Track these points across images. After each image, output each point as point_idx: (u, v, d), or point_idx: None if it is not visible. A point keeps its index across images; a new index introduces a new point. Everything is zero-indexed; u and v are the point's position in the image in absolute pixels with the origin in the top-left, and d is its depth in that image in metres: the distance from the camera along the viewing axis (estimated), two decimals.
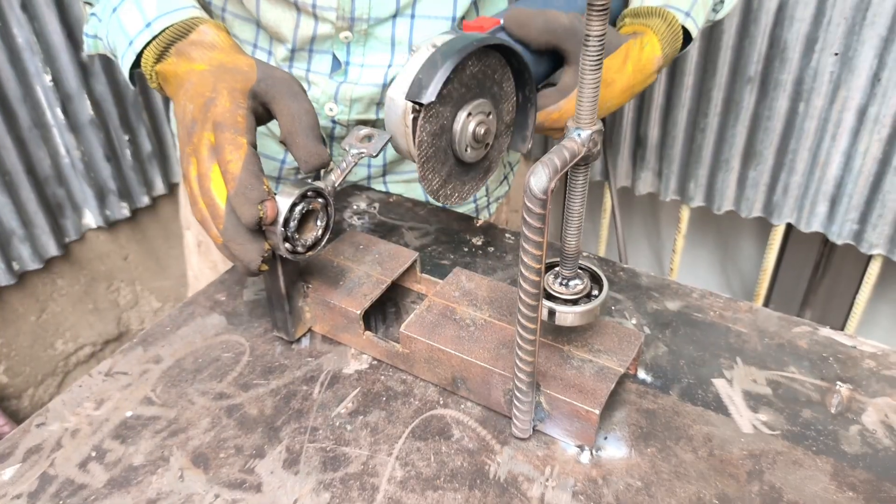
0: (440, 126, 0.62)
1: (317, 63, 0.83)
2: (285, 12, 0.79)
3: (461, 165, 0.67)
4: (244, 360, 0.68)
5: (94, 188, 1.60)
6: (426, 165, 0.63)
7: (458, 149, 0.65)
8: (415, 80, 0.59)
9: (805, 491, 0.55)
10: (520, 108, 0.69)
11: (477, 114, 0.64)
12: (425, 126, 0.61)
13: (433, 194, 0.65)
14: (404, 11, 0.80)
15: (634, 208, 1.82)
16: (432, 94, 0.58)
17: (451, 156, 0.65)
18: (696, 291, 0.74)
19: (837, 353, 0.67)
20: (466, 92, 0.63)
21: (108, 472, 0.58)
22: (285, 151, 0.90)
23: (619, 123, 1.55)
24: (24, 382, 1.67)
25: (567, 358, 0.60)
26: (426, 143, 0.62)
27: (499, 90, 0.66)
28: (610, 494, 0.55)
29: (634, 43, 0.72)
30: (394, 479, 0.56)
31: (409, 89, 0.59)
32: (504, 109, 0.68)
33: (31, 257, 1.55)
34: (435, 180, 0.65)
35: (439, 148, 0.64)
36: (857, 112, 1.27)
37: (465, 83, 0.62)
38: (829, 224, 1.41)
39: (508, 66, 0.65)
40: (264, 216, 0.57)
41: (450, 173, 0.66)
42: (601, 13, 0.45)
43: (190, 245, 1.10)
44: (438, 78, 0.58)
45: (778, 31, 1.28)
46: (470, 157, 0.66)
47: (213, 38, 0.69)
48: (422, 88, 0.58)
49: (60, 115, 1.49)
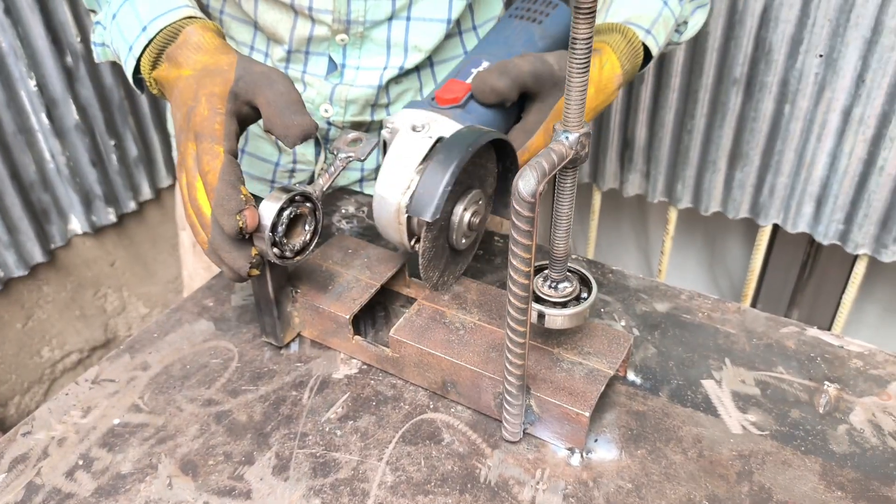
0: (439, 229, 0.63)
1: (313, 65, 0.83)
2: (282, 14, 0.80)
3: (454, 252, 0.68)
4: (233, 365, 0.68)
5: (79, 194, 1.58)
6: (428, 266, 0.64)
7: (455, 240, 0.66)
8: (416, 194, 0.60)
9: (794, 491, 0.55)
10: (500, 176, 0.70)
11: (471, 205, 0.65)
12: (428, 235, 0.62)
13: (433, 287, 0.66)
14: (400, 14, 0.80)
15: (622, 210, 1.83)
16: (437, 211, 0.59)
17: (447, 248, 0.66)
18: (685, 293, 0.75)
19: (825, 353, 0.67)
20: (460, 187, 0.64)
21: (96, 480, 0.57)
22: (279, 154, 0.90)
23: (606, 125, 1.56)
24: (9, 390, 1.65)
25: (557, 361, 0.60)
26: (428, 248, 0.63)
27: (484, 171, 0.67)
28: (601, 497, 0.55)
29: (593, 62, 0.72)
30: (384, 484, 0.56)
31: (412, 204, 0.60)
32: (488, 184, 0.69)
33: (17, 264, 1.54)
34: (435, 275, 0.66)
35: (439, 247, 0.65)
36: (842, 113, 1.28)
37: (459, 181, 0.62)
38: (815, 224, 1.42)
39: (491, 144, 0.66)
40: (244, 225, 0.56)
41: (446, 263, 0.67)
42: (587, 15, 0.45)
43: (185, 245, 1.10)
44: (441, 194, 0.59)
45: (763, 33, 1.28)
46: (464, 245, 0.67)
47: (198, 40, 0.68)
48: (425, 205, 0.59)
49: (45, 121, 1.48)
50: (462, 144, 0.60)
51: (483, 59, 0.73)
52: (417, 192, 0.60)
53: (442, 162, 0.59)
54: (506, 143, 0.65)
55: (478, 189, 0.66)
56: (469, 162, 0.62)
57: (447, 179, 0.59)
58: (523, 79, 0.67)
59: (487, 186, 0.69)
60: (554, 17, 0.80)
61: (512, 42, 0.76)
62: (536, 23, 0.79)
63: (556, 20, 0.80)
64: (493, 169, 0.68)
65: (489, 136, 0.61)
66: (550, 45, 0.78)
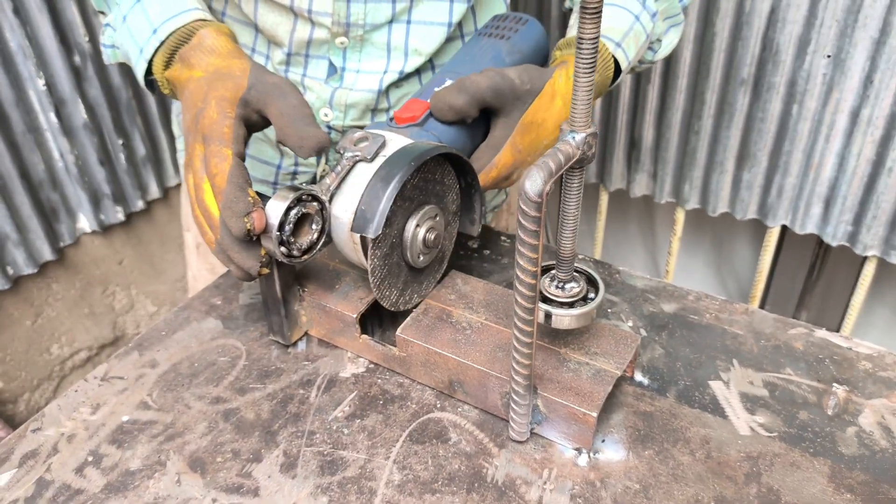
0: (390, 246, 0.63)
1: (313, 68, 0.83)
2: (281, 16, 0.79)
3: (414, 271, 0.67)
4: (240, 364, 0.68)
5: (88, 192, 1.59)
6: (382, 284, 0.63)
7: (411, 258, 0.65)
8: (358, 211, 0.59)
9: (803, 493, 0.55)
10: (463, 192, 0.70)
11: (425, 221, 0.64)
12: (376, 252, 0.61)
13: (392, 307, 0.65)
14: (400, 17, 0.80)
15: (629, 211, 1.82)
16: (378, 227, 0.58)
17: (404, 267, 0.66)
18: (692, 293, 0.74)
19: (833, 355, 0.67)
20: (411, 203, 0.63)
21: (105, 476, 0.58)
22: (281, 156, 0.90)
23: (613, 126, 1.56)
24: (19, 387, 1.66)
25: (564, 361, 0.60)
26: (378, 266, 0.62)
27: (441, 187, 0.66)
28: (608, 497, 0.55)
29: (559, 75, 0.71)
30: (391, 482, 0.56)
31: (354, 222, 0.60)
32: (448, 200, 0.68)
33: (26, 262, 1.55)
34: (393, 294, 0.65)
35: (392, 264, 0.64)
36: (850, 114, 1.28)
37: (407, 197, 0.62)
38: (823, 226, 1.41)
39: (447, 160, 0.65)
40: (252, 227, 0.57)
41: (406, 281, 0.66)
42: (594, 15, 0.45)
43: (189, 246, 1.11)
44: (382, 210, 0.58)
45: (770, 34, 1.28)
46: (423, 262, 0.67)
47: (212, 43, 0.69)
48: (367, 222, 0.59)
49: (54, 120, 1.49)
50: (404, 160, 0.60)
51: (447, 78, 0.73)
52: (359, 210, 0.59)
53: (383, 178, 0.59)
54: (464, 163, 0.65)
55: (433, 205, 0.65)
56: (418, 178, 0.62)
57: (388, 195, 0.58)
58: (481, 94, 0.67)
59: (448, 203, 0.68)
60: (523, 33, 0.80)
61: (479, 60, 0.76)
62: (504, 39, 0.79)
63: (524, 36, 0.80)
64: (453, 185, 0.68)
65: (434, 150, 0.61)
66: (519, 60, 0.78)
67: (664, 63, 1.42)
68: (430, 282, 0.70)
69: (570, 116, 0.50)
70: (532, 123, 0.70)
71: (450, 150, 0.63)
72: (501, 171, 0.70)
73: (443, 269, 0.71)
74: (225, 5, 0.84)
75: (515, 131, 0.69)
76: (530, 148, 0.71)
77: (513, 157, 0.70)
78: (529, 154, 0.71)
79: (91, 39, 1.50)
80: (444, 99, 0.67)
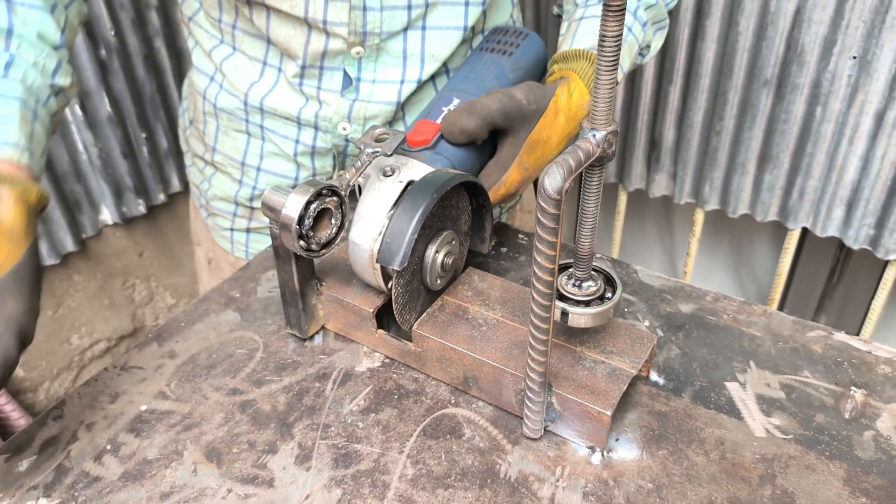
0: (411, 273, 0.64)
1: (327, 80, 0.82)
2: (295, 28, 0.78)
3: (431, 293, 0.68)
4: (257, 356, 0.69)
5: (110, 185, 1.61)
6: (403, 310, 0.64)
7: (430, 282, 0.66)
8: (383, 243, 0.60)
9: (818, 496, 0.54)
10: (474, 212, 0.71)
11: (443, 246, 0.65)
12: (399, 281, 0.62)
13: (409, 328, 0.66)
14: (416, 24, 0.80)
15: (648, 211, 1.81)
16: (404, 259, 0.59)
17: (422, 290, 0.67)
18: (710, 294, 0.74)
19: (852, 358, 0.66)
20: (430, 231, 0.64)
21: (123, 465, 0.59)
22: (297, 168, 0.89)
23: (633, 126, 1.55)
24: (39, 376, 1.68)
25: (579, 359, 0.60)
26: (401, 294, 0.63)
27: (456, 211, 0.67)
28: (621, 496, 0.55)
29: (561, 92, 0.72)
30: (405, 476, 0.56)
31: (380, 254, 0.61)
32: (462, 221, 0.69)
33: (49, 253, 1.57)
34: (412, 318, 0.66)
35: (412, 290, 0.65)
36: (876, 116, 1.26)
37: (427, 225, 0.63)
38: (845, 229, 1.40)
39: (462, 184, 0.66)
40: None
41: (423, 303, 0.67)
42: (617, 14, 0.45)
43: (200, 261, 1.11)
44: (408, 242, 0.59)
45: (795, 34, 1.27)
46: (440, 285, 0.67)
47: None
48: (392, 254, 0.60)
49: (79, 112, 1.50)
50: (428, 191, 0.61)
51: (454, 97, 0.74)
52: (385, 241, 0.60)
53: (408, 210, 0.60)
54: (476, 185, 0.66)
55: (450, 230, 0.66)
56: (438, 206, 0.63)
57: (413, 227, 0.59)
58: (492, 118, 0.68)
59: (462, 224, 0.69)
60: (524, 48, 0.81)
61: (482, 77, 0.77)
62: (507, 55, 0.79)
63: (526, 51, 0.81)
64: (466, 207, 0.69)
65: (456, 179, 0.62)
66: (521, 76, 0.79)
67: (686, 62, 1.41)
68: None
69: (590, 114, 0.50)
70: (538, 142, 0.71)
71: (468, 179, 0.64)
72: (510, 189, 0.71)
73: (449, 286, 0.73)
74: (235, 18, 0.83)
75: (522, 150, 0.71)
76: (536, 165, 0.72)
77: (520, 175, 0.71)
78: (535, 171, 0.73)
79: (116, 33, 1.51)
80: (456, 123, 0.68)
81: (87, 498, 0.56)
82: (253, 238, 0.98)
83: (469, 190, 0.68)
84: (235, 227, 0.97)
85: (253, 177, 0.91)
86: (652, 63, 1.45)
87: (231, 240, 0.99)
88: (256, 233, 0.97)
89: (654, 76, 1.47)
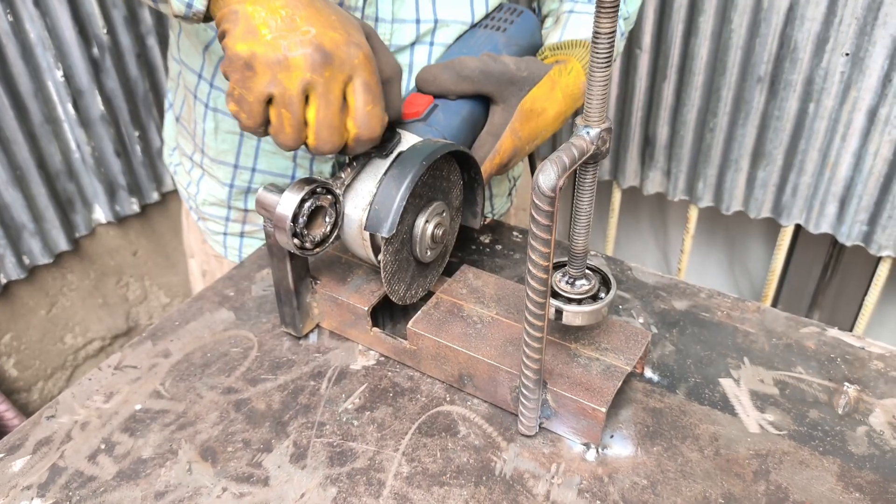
0: (400, 242, 0.63)
1: None
2: None
3: (421, 265, 0.68)
4: (252, 354, 0.68)
5: (104, 183, 1.60)
6: (392, 279, 0.64)
7: (420, 253, 0.66)
8: (371, 210, 0.60)
9: (811, 491, 0.55)
10: (466, 186, 0.70)
11: (433, 217, 0.65)
12: (388, 249, 0.62)
13: (400, 301, 0.66)
14: (423, 39, 0.80)
15: (642, 208, 1.82)
16: (392, 226, 0.59)
17: (412, 261, 0.66)
18: (704, 291, 0.74)
19: (845, 354, 0.67)
20: (420, 200, 0.64)
21: (118, 464, 0.58)
22: (294, 167, 0.89)
23: (627, 123, 1.55)
24: (33, 376, 1.68)
25: (574, 356, 0.60)
26: (390, 262, 0.63)
27: (447, 183, 0.67)
28: (616, 492, 0.55)
29: (559, 69, 0.73)
30: (400, 474, 0.57)
31: (368, 221, 0.60)
32: (453, 196, 0.69)
33: (42, 252, 1.56)
34: (401, 289, 0.66)
35: (402, 260, 0.65)
36: (868, 113, 1.26)
37: (417, 194, 0.63)
38: (838, 225, 1.40)
39: (453, 156, 0.66)
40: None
41: (413, 275, 0.67)
42: (610, 11, 0.45)
43: (195, 273, 1.10)
44: (396, 209, 0.59)
45: (788, 31, 1.27)
46: (430, 257, 0.67)
47: None
48: (381, 221, 0.59)
49: (72, 111, 1.50)
50: (417, 158, 0.60)
51: None
52: (373, 209, 0.60)
53: (396, 177, 0.60)
54: (468, 157, 0.66)
55: (441, 201, 0.66)
56: (428, 175, 0.62)
57: (401, 194, 0.59)
58: (468, 73, 0.68)
59: (453, 198, 0.69)
60: (518, 25, 0.80)
61: (476, 51, 0.77)
62: (500, 31, 0.79)
63: (520, 28, 0.81)
64: (458, 181, 0.69)
65: (444, 148, 0.62)
66: (516, 52, 0.79)
67: (680, 59, 1.41)
68: (434, 275, 0.70)
69: (584, 111, 0.50)
70: (532, 111, 0.71)
71: (459, 148, 0.63)
72: (503, 158, 0.71)
73: (445, 262, 0.72)
74: None
75: (514, 117, 0.70)
76: (530, 135, 0.72)
77: (513, 144, 0.71)
78: (528, 142, 0.72)
79: (109, 31, 1.51)
80: (430, 71, 0.68)
81: (82, 498, 0.56)
82: (246, 243, 0.97)
83: (461, 164, 0.68)
84: (229, 232, 0.97)
85: (247, 178, 0.90)
86: (646, 60, 1.45)
87: (224, 244, 0.99)
88: (250, 237, 0.97)
89: (647, 73, 1.47)
